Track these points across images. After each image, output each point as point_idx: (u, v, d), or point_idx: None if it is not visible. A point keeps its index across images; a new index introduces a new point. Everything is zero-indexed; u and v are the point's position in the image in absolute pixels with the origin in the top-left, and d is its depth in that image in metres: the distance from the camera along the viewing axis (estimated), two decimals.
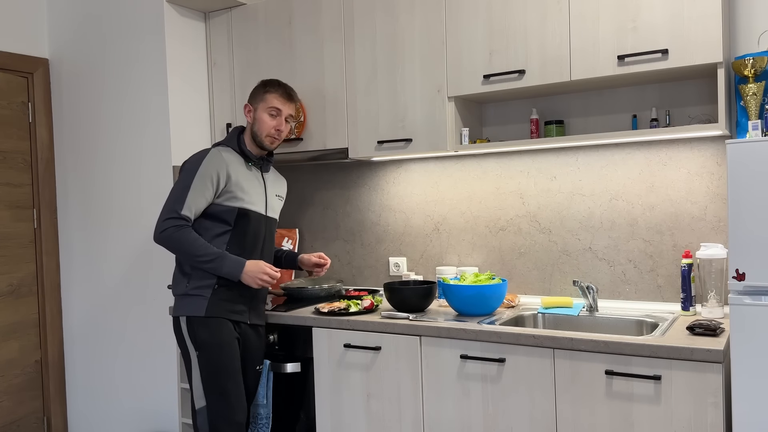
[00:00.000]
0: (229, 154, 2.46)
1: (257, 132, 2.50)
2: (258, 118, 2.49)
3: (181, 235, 2.33)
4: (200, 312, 2.38)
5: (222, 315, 2.40)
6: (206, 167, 2.38)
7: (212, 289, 2.39)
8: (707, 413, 1.94)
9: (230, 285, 2.41)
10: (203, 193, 2.37)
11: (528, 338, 2.20)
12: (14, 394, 3.34)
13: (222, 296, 2.41)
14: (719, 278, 2.32)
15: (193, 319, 2.39)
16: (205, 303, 2.38)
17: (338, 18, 2.90)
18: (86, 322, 3.46)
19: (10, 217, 3.33)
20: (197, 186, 2.36)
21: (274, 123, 2.49)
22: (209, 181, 2.37)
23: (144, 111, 3.18)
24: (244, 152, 2.50)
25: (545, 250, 2.81)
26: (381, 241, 3.21)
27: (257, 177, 2.54)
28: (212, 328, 2.38)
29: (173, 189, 2.41)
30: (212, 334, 2.38)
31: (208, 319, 2.38)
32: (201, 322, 2.38)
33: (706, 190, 2.49)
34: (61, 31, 3.45)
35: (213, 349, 2.38)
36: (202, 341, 2.38)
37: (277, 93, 2.50)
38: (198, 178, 2.36)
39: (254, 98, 2.53)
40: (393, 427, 2.49)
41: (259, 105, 2.50)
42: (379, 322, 2.50)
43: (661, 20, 2.25)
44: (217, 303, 2.39)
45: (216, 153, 2.43)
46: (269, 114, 2.48)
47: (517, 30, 2.50)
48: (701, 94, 2.47)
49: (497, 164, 2.90)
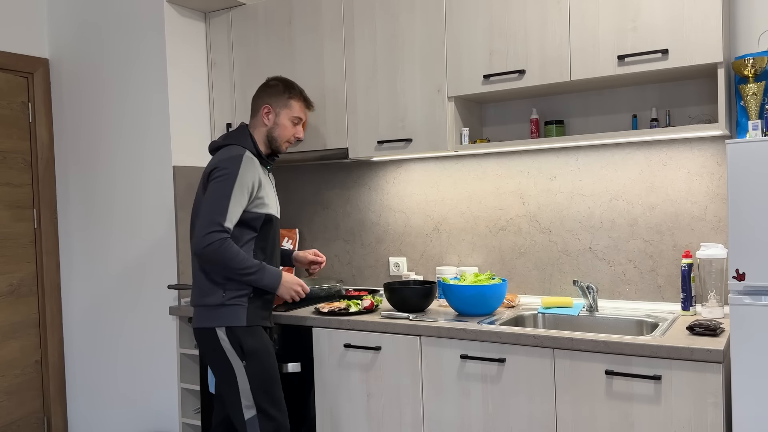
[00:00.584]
0: (255, 160, 2.40)
1: (277, 137, 2.47)
2: (280, 124, 2.47)
3: (225, 249, 2.25)
4: (242, 321, 2.33)
5: (259, 323, 2.39)
6: (244, 175, 2.31)
7: (248, 298, 2.36)
8: (707, 413, 1.94)
9: (261, 292, 2.39)
10: (241, 202, 2.31)
11: (528, 338, 2.20)
12: (14, 394, 3.34)
13: (257, 303, 2.39)
14: (719, 278, 2.32)
15: (236, 329, 2.33)
16: (245, 312, 2.34)
17: (338, 18, 2.90)
18: (86, 322, 3.46)
19: (10, 217, 3.33)
20: (236, 195, 2.28)
21: (295, 131, 2.50)
22: (246, 190, 2.32)
23: (144, 111, 3.18)
24: (260, 155, 2.45)
25: (545, 250, 2.81)
26: (381, 241, 3.21)
27: (270, 179, 2.52)
28: (257, 336, 2.36)
29: (212, 197, 2.29)
30: (259, 341, 2.36)
31: (250, 327, 2.35)
32: (245, 332, 2.34)
33: (706, 190, 2.49)
34: (61, 31, 3.45)
35: (263, 357, 2.35)
36: (251, 350, 2.33)
37: (301, 102, 2.51)
38: (237, 187, 2.28)
39: (276, 101, 2.47)
40: (393, 427, 2.49)
41: (283, 111, 2.47)
42: (379, 322, 2.50)
43: (661, 20, 2.25)
44: (254, 311, 2.37)
45: (249, 159, 2.35)
46: (292, 122, 2.48)
47: (517, 30, 2.50)
48: (701, 94, 2.47)
49: (497, 164, 2.90)
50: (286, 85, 2.51)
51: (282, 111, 2.47)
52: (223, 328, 2.33)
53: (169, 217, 3.13)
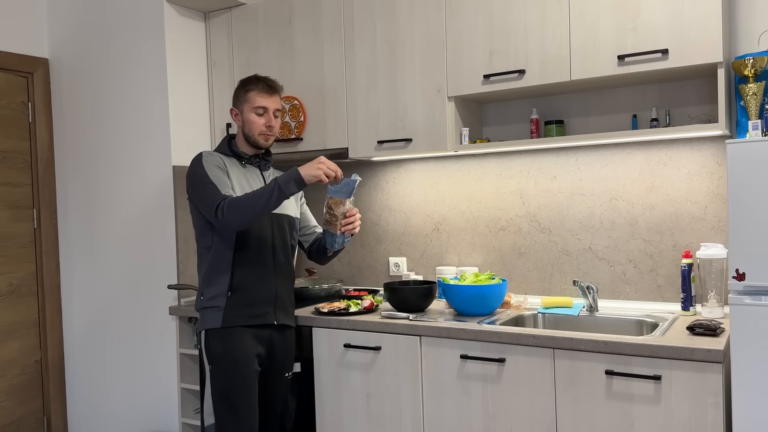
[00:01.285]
0: (220, 156, 2.39)
1: (249, 134, 2.40)
2: (246, 120, 2.39)
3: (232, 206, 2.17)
4: (216, 324, 2.29)
5: (240, 323, 2.29)
6: (208, 163, 2.30)
7: (226, 297, 2.30)
8: (707, 413, 1.94)
9: (247, 287, 2.32)
10: (223, 178, 2.29)
11: (528, 338, 2.20)
12: (14, 394, 3.34)
13: (238, 302, 2.30)
14: (719, 278, 2.32)
15: (209, 332, 2.30)
16: (221, 314, 2.29)
17: (338, 18, 2.90)
18: (86, 322, 3.46)
19: (10, 217, 3.33)
20: (215, 175, 2.27)
21: (263, 121, 2.39)
22: (219, 170, 2.30)
23: (144, 111, 3.18)
24: (236, 154, 2.42)
25: (545, 250, 2.81)
26: (381, 241, 3.21)
27: (256, 175, 2.46)
28: (226, 341, 2.28)
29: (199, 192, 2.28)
30: (226, 347, 2.27)
31: (223, 330, 2.28)
32: (216, 335, 2.29)
33: (706, 190, 2.49)
34: (61, 31, 3.45)
35: (226, 364, 2.27)
36: (215, 354, 2.28)
37: (258, 89, 2.39)
38: (210, 171, 2.27)
39: (238, 100, 2.43)
40: (393, 427, 2.49)
41: (244, 106, 2.40)
42: (379, 322, 2.50)
43: (661, 20, 2.25)
44: (234, 311, 2.29)
45: (205, 154, 2.36)
46: (256, 113, 2.38)
47: (517, 30, 2.50)
48: (701, 94, 2.47)
49: (497, 164, 2.90)
50: (245, 81, 2.45)
51: (244, 107, 2.40)
52: (203, 331, 2.33)
53: (169, 217, 3.13)
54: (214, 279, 2.33)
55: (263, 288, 2.36)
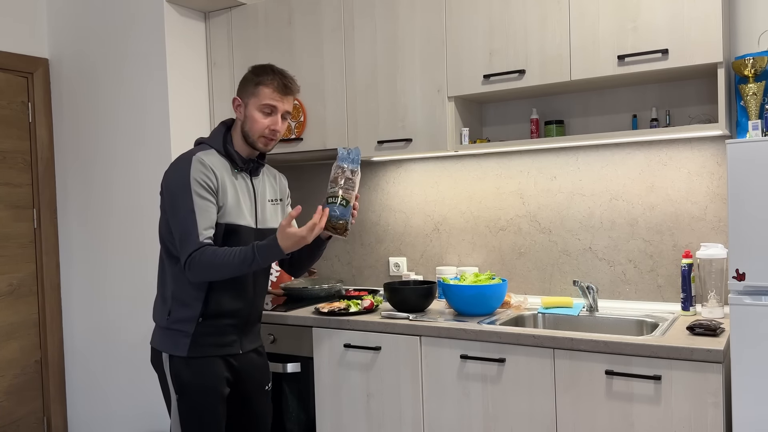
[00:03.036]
0: (213, 159, 2.08)
1: (248, 132, 2.10)
2: (249, 116, 2.09)
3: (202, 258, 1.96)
4: (182, 352, 2.05)
5: (208, 353, 2.08)
6: (195, 179, 2.00)
7: (195, 323, 2.06)
8: (707, 413, 1.94)
9: (217, 314, 2.09)
10: (209, 208, 2.02)
11: (528, 338, 2.20)
12: (14, 394, 3.34)
13: (207, 330, 2.08)
14: (719, 278, 2.32)
15: (176, 359, 2.07)
16: (188, 341, 2.05)
17: (338, 18, 2.90)
18: (86, 322, 3.46)
19: (10, 217, 3.33)
20: (199, 205, 1.99)
21: (268, 122, 2.09)
22: (207, 193, 2.02)
23: (144, 111, 3.18)
24: (230, 155, 2.12)
25: (545, 250, 2.81)
26: (381, 241, 3.21)
27: (246, 183, 2.16)
28: (195, 370, 2.06)
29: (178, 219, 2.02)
30: (195, 377, 2.06)
31: (190, 359, 2.06)
32: (183, 363, 2.06)
33: (706, 190, 2.49)
34: (61, 31, 3.44)
35: (195, 395, 2.07)
36: (183, 385, 2.07)
37: (272, 86, 2.08)
38: (196, 196, 1.99)
39: (244, 91, 2.13)
40: (393, 427, 2.49)
41: (251, 100, 2.09)
42: (379, 322, 2.50)
43: (661, 20, 2.25)
44: (201, 340, 2.07)
45: (197, 162, 2.03)
46: (262, 112, 2.09)
47: (517, 30, 2.50)
48: (701, 94, 2.47)
49: (497, 164, 2.90)
50: (258, 71, 2.13)
51: (250, 101, 2.10)
52: (167, 355, 2.09)
53: None
54: (184, 299, 2.08)
55: (235, 316, 2.13)
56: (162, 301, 2.14)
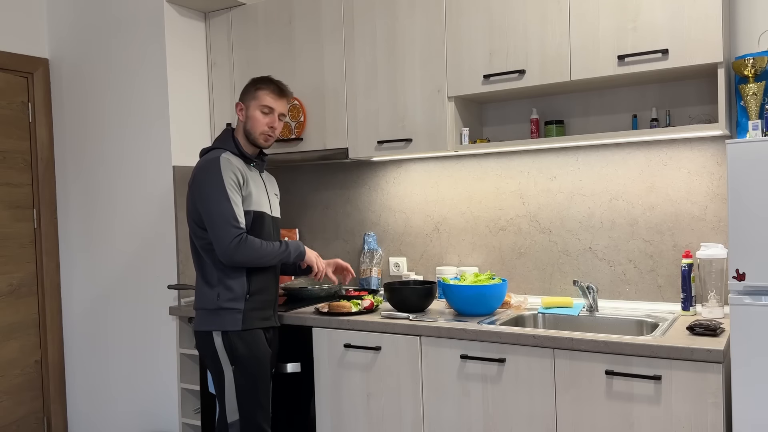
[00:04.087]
0: (234, 159, 2.41)
1: (250, 130, 2.44)
2: (250, 116, 2.43)
3: (249, 242, 2.30)
4: (237, 326, 2.34)
5: (256, 326, 2.39)
6: (227, 175, 2.33)
7: (244, 300, 2.37)
8: (707, 413, 1.94)
9: (260, 291, 2.41)
10: (239, 202, 2.34)
11: (528, 338, 2.20)
12: (14, 394, 3.34)
13: (254, 305, 2.39)
14: (719, 278, 2.32)
15: (231, 333, 2.34)
16: (241, 316, 2.35)
17: (338, 18, 2.90)
18: (86, 322, 3.46)
19: (10, 217, 3.33)
20: (232, 198, 2.31)
21: (267, 120, 2.43)
22: (235, 187, 2.34)
23: (144, 111, 3.18)
24: (243, 154, 2.45)
25: (545, 250, 2.81)
26: (381, 241, 3.21)
27: (259, 177, 2.51)
28: (248, 342, 2.36)
29: (216, 207, 2.30)
30: (249, 348, 2.36)
31: (244, 332, 2.35)
32: (238, 337, 2.35)
33: (706, 190, 2.49)
34: (61, 31, 3.45)
35: (251, 364, 2.36)
36: (240, 356, 2.35)
37: (269, 90, 2.44)
38: (228, 189, 2.31)
39: (246, 96, 2.47)
40: (393, 427, 2.49)
41: (251, 103, 2.44)
42: (379, 322, 2.50)
43: (661, 20, 2.25)
44: (251, 314, 2.37)
45: (226, 159, 2.36)
46: (262, 112, 2.43)
47: (517, 30, 2.50)
48: (701, 94, 2.47)
49: (497, 164, 2.90)
50: (258, 79, 2.50)
51: (251, 103, 2.44)
52: (219, 332, 2.36)
53: (169, 217, 3.13)
54: (229, 280, 2.36)
55: (271, 292, 2.47)
56: (208, 287, 2.40)
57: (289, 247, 2.41)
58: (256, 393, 2.38)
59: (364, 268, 3.14)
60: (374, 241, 3.18)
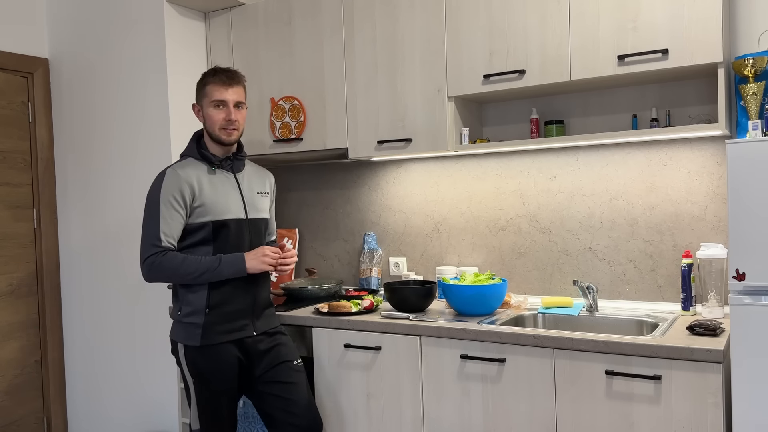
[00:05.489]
0: (188, 169, 2.32)
1: (210, 130, 2.35)
2: (206, 115, 2.35)
3: (164, 260, 2.23)
4: (195, 341, 2.29)
5: (220, 340, 2.30)
6: (166, 191, 2.25)
7: (204, 315, 2.29)
8: (707, 413, 1.94)
9: (225, 302, 2.31)
10: (174, 218, 2.26)
11: (528, 338, 2.20)
12: (14, 394, 3.34)
13: (217, 318, 2.30)
14: (719, 278, 2.32)
15: (189, 348, 2.31)
16: (199, 331, 2.28)
17: (338, 18, 2.90)
18: (86, 322, 3.46)
19: (10, 217, 3.33)
20: (165, 214, 2.24)
21: (222, 115, 2.33)
22: (176, 203, 2.26)
23: (144, 111, 3.18)
24: (205, 158, 2.36)
25: (545, 250, 2.81)
26: (381, 241, 3.21)
27: (228, 179, 2.39)
28: (209, 357, 2.30)
29: (144, 225, 2.29)
30: (208, 362, 2.30)
31: (203, 348, 2.29)
32: (197, 352, 2.30)
33: (706, 190, 2.49)
34: (61, 31, 3.44)
35: (209, 378, 2.31)
36: (200, 371, 2.31)
37: (215, 82, 2.33)
38: (163, 205, 2.24)
39: (198, 95, 2.39)
40: (393, 427, 2.49)
41: (204, 101, 2.36)
42: (379, 322, 2.50)
43: (661, 20, 2.25)
44: (212, 328, 2.29)
45: (171, 173, 2.29)
46: (215, 107, 2.33)
47: (517, 30, 2.50)
48: (701, 94, 2.47)
49: (497, 164, 2.90)
50: (204, 74, 2.40)
51: (203, 102, 2.36)
52: (181, 345, 2.33)
53: None
54: (190, 294, 2.31)
55: (241, 300, 2.35)
56: (174, 299, 2.40)
57: (221, 264, 2.25)
58: (217, 407, 2.33)
59: (364, 268, 3.15)
60: (374, 241, 3.18)
